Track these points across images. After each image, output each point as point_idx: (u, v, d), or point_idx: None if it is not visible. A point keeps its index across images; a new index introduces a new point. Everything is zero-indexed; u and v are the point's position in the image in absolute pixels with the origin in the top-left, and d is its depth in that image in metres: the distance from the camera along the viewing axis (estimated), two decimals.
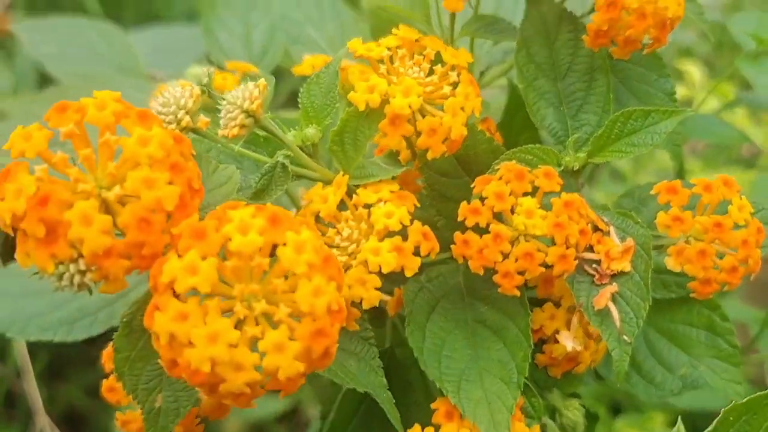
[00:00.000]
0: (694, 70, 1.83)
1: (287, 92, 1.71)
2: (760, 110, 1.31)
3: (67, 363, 1.66)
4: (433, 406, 0.64)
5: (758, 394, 0.51)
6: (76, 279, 0.46)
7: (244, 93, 0.56)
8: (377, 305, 0.61)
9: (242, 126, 0.56)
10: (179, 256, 0.46)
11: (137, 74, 1.25)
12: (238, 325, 0.46)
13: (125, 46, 1.30)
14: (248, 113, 0.56)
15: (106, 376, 0.65)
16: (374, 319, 0.71)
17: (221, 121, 0.57)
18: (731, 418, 0.52)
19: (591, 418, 0.75)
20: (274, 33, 1.15)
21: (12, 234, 0.47)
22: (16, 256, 0.48)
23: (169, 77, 1.36)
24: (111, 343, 0.61)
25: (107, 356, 0.63)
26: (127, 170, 0.47)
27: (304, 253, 0.47)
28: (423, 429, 0.62)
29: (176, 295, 0.46)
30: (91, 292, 0.48)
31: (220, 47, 1.17)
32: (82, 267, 0.46)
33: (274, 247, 0.47)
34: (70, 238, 0.45)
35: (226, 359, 0.44)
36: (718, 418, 0.52)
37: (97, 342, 0.73)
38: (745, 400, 0.52)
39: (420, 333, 0.66)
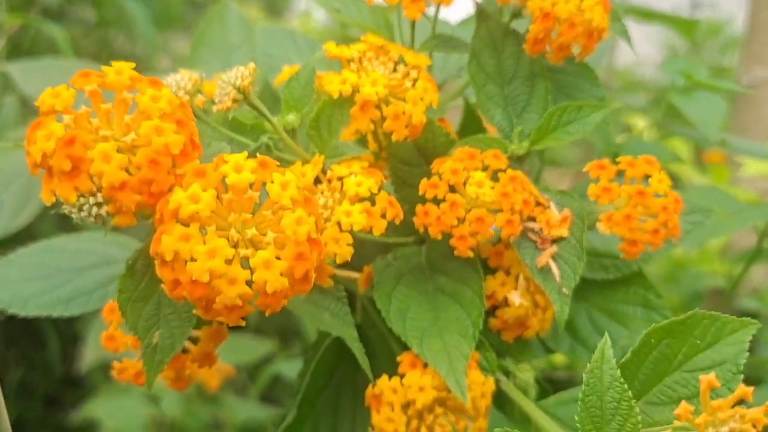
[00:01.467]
0: (639, 122, 1.99)
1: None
2: (690, 139, 1.45)
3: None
4: (398, 359, 0.72)
5: (678, 317, 0.60)
6: (94, 210, 0.55)
7: (236, 73, 0.66)
8: (348, 286, 0.70)
9: (234, 100, 0.66)
10: (183, 189, 0.54)
11: None
12: (233, 246, 0.54)
13: None
14: (239, 89, 0.66)
15: None
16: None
17: (216, 99, 0.67)
18: (652, 341, 0.60)
19: (543, 390, 0.83)
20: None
21: (38, 174, 0.56)
22: (41, 195, 0.56)
23: None
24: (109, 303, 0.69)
25: (108, 310, 0.70)
26: (140, 122, 0.56)
27: (289, 189, 0.56)
28: (390, 378, 0.70)
29: (180, 221, 0.54)
30: (104, 224, 0.56)
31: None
32: (100, 199, 0.55)
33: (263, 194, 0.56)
34: (91, 172, 0.53)
35: (222, 272, 0.52)
36: (640, 339, 0.61)
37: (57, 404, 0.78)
38: (664, 322, 0.60)
39: (387, 299, 0.75)
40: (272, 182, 0.56)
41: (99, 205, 0.55)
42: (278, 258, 0.54)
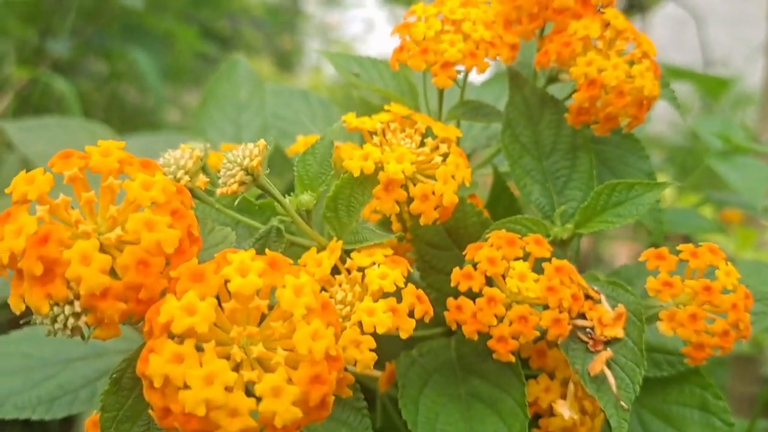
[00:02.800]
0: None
1: None
2: (729, 207, 1.36)
3: None
4: None
5: None
6: (71, 321, 0.46)
7: (245, 151, 0.57)
8: (368, 384, 0.60)
9: (241, 183, 0.57)
10: (177, 297, 0.45)
11: None
12: (235, 368, 0.45)
13: None
14: (248, 171, 0.57)
15: None
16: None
17: (220, 180, 0.58)
18: None
19: None
20: (264, 133, 1.19)
21: (6, 277, 0.47)
22: (9, 301, 0.47)
23: None
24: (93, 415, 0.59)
25: (91, 424, 0.60)
26: (128, 214, 0.48)
27: (303, 296, 0.47)
28: None
29: (172, 338, 0.45)
30: (83, 337, 0.47)
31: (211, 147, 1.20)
32: (78, 309, 0.46)
33: (273, 300, 0.47)
34: (67, 276, 0.44)
35: (221, 402, 0.43)
36: None
37: None
38: None
39: (413, 406, 0.65)
40: (284, 287, 0.47)
41: (76, 315, 0.46)
42: (290, 380, 0.45)
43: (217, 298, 0.46)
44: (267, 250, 0.49)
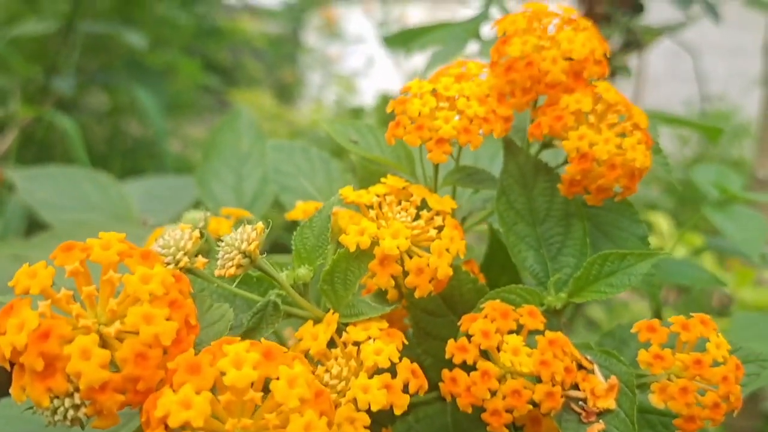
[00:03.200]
0: (661, 221, 1.91)
1: (270, 241, 1.76)
2: (728, 256, 1.37)
3: None
4: None
5: None
6: (70, 413, 0.47)
7: (242, 235, 0.59)
8: None
9: (239, 266, 0.58)
10: (173, 390, 0.46)
11: (130, 221, 1.29)
12: None
13: (119, 195, 1.35)
14: (245, 254, 0.58)
15: None
16: None
17: (219, 262, 0.60)
18: None
19: None
20: (264, 184, 1.21)
21: (8, 369, 0.48)
22: (11, 390, 0.48)
23: (159, 224, 1.41)
24: None
25: None
26: (127, 306, 0.49)
27: (297, 387, 0.48)
28: None
29: (169, 430, 0.46)
30: (83, 426, 0.48)
31: (212, 196, 1.22)
32: (77, 401, 0.47)
33: (267, 383, 0.48)
34: (68, 371, 0.46)
35: None
36: None
37: None
38: None
39: None
40: (278, 378, 0.48)
41: (76, 407, 0.47)
42: None
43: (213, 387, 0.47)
44: (262, 340, 0.50)
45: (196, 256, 0.60)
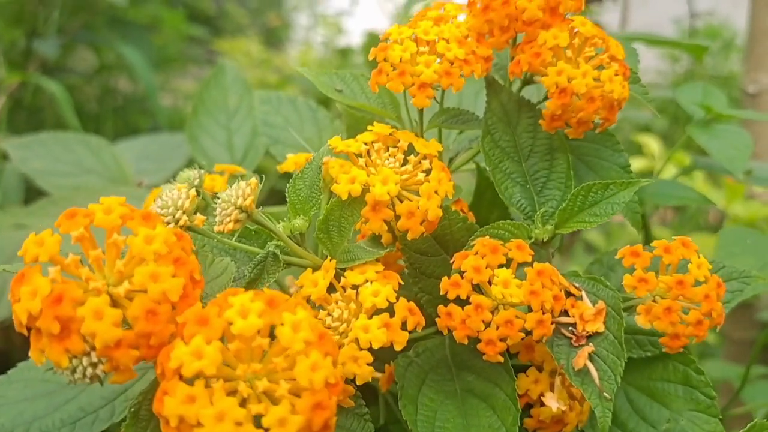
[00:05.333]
0: (651, 142, 1.93)
1: (267, 190, 1.78)
2: (716, 174, 1.39)
3: None
4: None
5: None
6: (89, 371, 0.50)
7: (237, 191, 0.61)
8: (370, 381, 0.65)
9: (237, 221, 0.61)
10: (185, 342, 0.49)
11: (125, 183, 1.31)
12: (243, 403, 0.49)
13: (112, 157, 1.36)
14: (242, 209, 0.61)
15: None
16: (367, 397, 0.74)
17: (217, 218, 0.62)
18: None
19: None
20: (254, 136, 1.23)
21: (26, 333, 0.51)
22: (30, 354, 0.51)
23: (154, 183, 1.42)
24: None
25: None
26: (133, 267, 0.51)
27: (301, 331, 0.51)
28: None
29: (183, 379, 0.49)
30: (101, 383, 0.51)
31: (204, 152, 1.24)
32: (94, 359, 0.50)
33: (273, 328, 0.51)
34: (83, 332, 0.49)
35: None
36: None
37: None
38: None
39: (412, 406, 0.69)
40: (282, 324, 0.51)
41: (94, 365, 0.50)
42: (294, 409, 0.49)
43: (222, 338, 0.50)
44: (265, 289, 0.53)
45: (195, 213, 0.62)
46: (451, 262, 0.70)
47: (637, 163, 1.90)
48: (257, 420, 0.49)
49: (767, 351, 1.63)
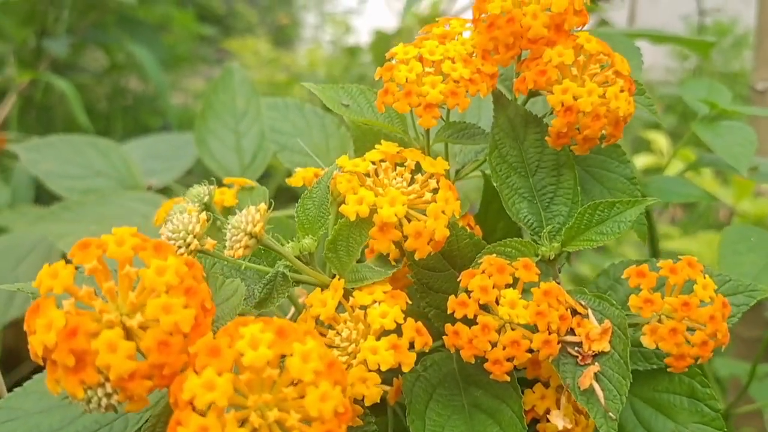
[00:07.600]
0: (660, 139, 1.92)
1: (275, 188, 1.79)
2: (724, 171, 1.38)
3: None
4: None
5: None
6: (104, 401, 0.51)
7: (247, 218, 0.62)
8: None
9: (246, 247, 0.62)
10: (197, 373, 0.50)
11: (135, 185, 1.32)
12: None
13: (121, 159, 1.37)
14: (251, 235, 0.62)
15: None
16: (375, 408, 0.75)
17: (227, 243, 0.63)
18: None
19: None
20: (263, 139, 1.23)
21: (42, 363, 0.52)
22: (46, 383, 0.52)
23: (164, 183, 1.44)
24: None
25: None
26: (145, 298, 0.52)
27: (311, 361, 0.52)
28: None
29: (196, 410, 0.50)
30: (116, 411, 0.52)
31: (211, 155, 1.25)
32: (109, 390, 0.51)
33: (283, 356, 0.53)
34: (97, 364, 0.50)
35: None
36: None
37: None
38: None
39: (420, 421, 0.70)
40: (292, 355, 0.52)
41: (108, 395, 0.51)
42: None
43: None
44: (274, 318, 0.53)
45: (206, 237, 0.63)
46: (458, 279, 0.71)
47: (645, 160, 1.90)
48: None
49: None
